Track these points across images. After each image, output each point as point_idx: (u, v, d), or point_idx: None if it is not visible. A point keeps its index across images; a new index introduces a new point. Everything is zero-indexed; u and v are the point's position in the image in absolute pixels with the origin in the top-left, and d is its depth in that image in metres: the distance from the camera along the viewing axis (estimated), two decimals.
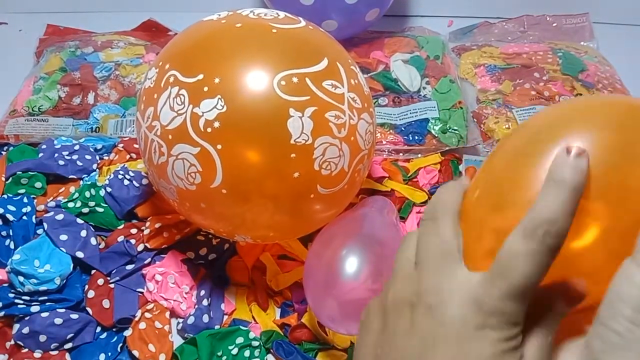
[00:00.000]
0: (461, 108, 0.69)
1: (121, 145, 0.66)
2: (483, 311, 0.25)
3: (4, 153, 0.65)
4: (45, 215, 0.56)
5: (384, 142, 0.66)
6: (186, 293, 0.54)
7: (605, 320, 0.25)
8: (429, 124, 0.68)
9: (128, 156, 0.65)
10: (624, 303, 0.24)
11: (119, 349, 0.50)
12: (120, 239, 0.56)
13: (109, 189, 0.59)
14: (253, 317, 0.53)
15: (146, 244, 0.56)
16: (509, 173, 0.29)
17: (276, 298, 0.54)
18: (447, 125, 0.67)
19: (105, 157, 0.65)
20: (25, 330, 0.49)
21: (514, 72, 0.74)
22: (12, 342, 0.49)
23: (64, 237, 0.54)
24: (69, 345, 0.50)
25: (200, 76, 0.44)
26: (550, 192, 0.26)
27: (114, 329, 0.51)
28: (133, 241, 0.56)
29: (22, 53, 0.80)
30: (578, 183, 0.26)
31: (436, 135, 0.67)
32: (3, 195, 0.60)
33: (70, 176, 0.62)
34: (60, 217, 0.56)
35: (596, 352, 0.25)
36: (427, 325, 0.27)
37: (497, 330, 0.25)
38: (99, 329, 0.51)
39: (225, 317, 0.53)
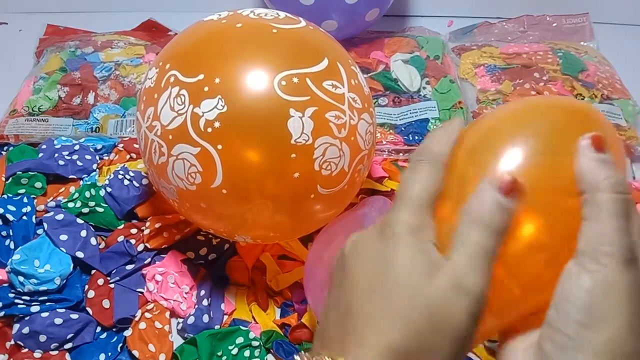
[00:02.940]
0: (461, 108, 0.69)
1: (121, 145, 0.66)
2: (389, 226, 0.28)
3: (4, 153, 0.65)
4: (45, 215, 0.56)
5: (384, 142, 0.66)
6: (186, 293, 0.53)
7: (555, 323, 0.26)
8: (429, 124, 0.68)
9: (128, 156, 0.65)
10: (573, 306, 0.25)
11: (119, 349, 0.50)
12: (120, 239, 0.56)
13: (109, 189, 0.59)
14: (253, 317, 0.53)
15: (146, 244, 0.56)
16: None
17: (276, 298, 0.54)
18: None
19: (105, 157, 0.65)
20: (25, 330, 0.49)
21: (514, 72, 0.74)
22: (12, 342, 0.49)
23: (64, 237, 0.54)
24: (69, 345, 0.50)
25: (201, 76, 0.44)
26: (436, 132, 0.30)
27: (114, 329, 0.51)
28: (133, 241, 0.56)
29: (22, 53, 0.80)
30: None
31: None
32: (3, 195, 0.60)
33: (70, 176, 0.62)
34: (60, 217, 0.55)
35: (548, 354, 0.26)
36: (351, 259, 0.29)
37: (407, 237, 0.27)
38: (99, 329, 0.51)
39: (225, 317, 0.53)
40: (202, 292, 0.53)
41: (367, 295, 0.27)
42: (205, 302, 0.52)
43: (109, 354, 0.50)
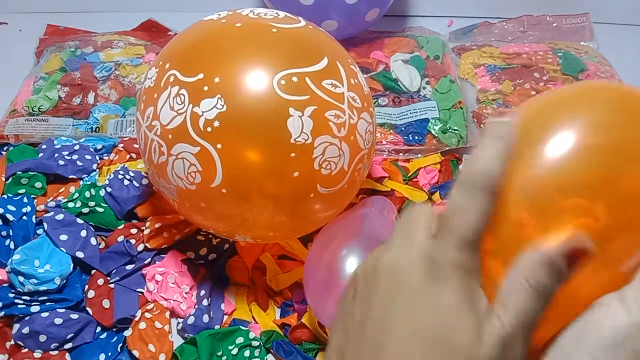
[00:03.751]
0: (461, 108, 0.69)
1: (121, 145, 0.66)
2: (437, 265, 0.25)
3: (4, 153, 0.65)
4: (45, 215, 0.56)
5: (384, 142, 0.66)
6: (186, 293, 0.53)
7: (569, 348, 0.25)
8: (429, 124, 0.68)
9: (128, 156, 0.65)
10: (596, 339, 0.24)
11: (119, 349, 0.50)
12: (120, 239, 0.56)
13: (109, 189, 0.59)
14: (253, 317, 0.53)
15: (146, 244, 0.56)
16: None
17: (276, 298, 0.54)
18: (447, 125, 0.67)
19: (105, 157, 0.65)
20: (25, 330, 0.49)
21: (514, 72, 0.74)
22: (12, 342, 0.49)
23: (64, 237, 0.54)
24: (69, 345, 0.50)
25: (200, 76, 0.44)
26: (485, 144, 0.26)
27: (114, 329, 0.51)
28: (133, 241, 0.56)
29: (22, 53, 0.80)
30: (507, 135, 0.26)
31: (436, 135, 0.67)
32: (3, 195, 0.60)
33: (70, 176, 0.62)
34: (60, 217, 0.55)
35: None
36: (388, 287, 0.26)
37: (456, 280, 0.25)
38: (99, 329, 0.51)
39: (225, 317, 0.53)
40: (202, 292, 0.53)
41: (406, 337, 0.25)
42: (205, 302, 0.52)
43: (109, 354, 0.50)
